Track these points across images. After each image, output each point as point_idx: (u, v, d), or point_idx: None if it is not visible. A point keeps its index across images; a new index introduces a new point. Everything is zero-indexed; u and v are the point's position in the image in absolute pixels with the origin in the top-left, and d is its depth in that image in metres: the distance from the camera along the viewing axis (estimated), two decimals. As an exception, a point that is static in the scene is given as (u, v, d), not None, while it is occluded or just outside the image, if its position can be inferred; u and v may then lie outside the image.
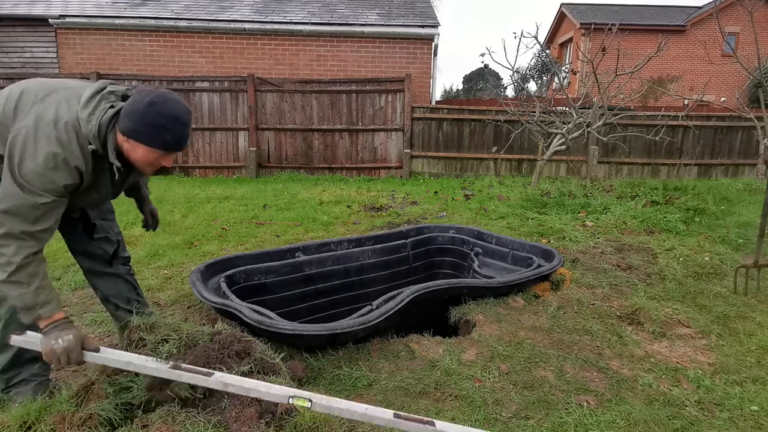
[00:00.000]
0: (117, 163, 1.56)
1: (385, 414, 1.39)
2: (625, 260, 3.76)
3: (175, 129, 1.54)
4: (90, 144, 1.54)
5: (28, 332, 1.57)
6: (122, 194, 2.00)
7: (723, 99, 17.28)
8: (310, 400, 1.39)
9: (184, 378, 1.49)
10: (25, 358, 1.82)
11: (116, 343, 2.32)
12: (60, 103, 1.55)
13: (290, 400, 1.40)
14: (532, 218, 5.15)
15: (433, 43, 10.05)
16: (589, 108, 7.76)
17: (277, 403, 1.68)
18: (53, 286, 1.60)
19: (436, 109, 9.40)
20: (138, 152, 1.55)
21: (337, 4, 11.34)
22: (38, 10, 9.98)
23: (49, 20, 9.68)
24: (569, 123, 7.56)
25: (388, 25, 10.00)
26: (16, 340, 1.56)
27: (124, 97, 1.61)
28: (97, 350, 1.54)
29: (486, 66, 33.11)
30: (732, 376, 2.11)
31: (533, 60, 21.47)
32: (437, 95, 15.82)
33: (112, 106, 1.55)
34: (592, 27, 15.17)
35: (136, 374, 1.68)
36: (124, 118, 1.52)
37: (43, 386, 1.86)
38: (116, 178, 1.62)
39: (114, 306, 2.14)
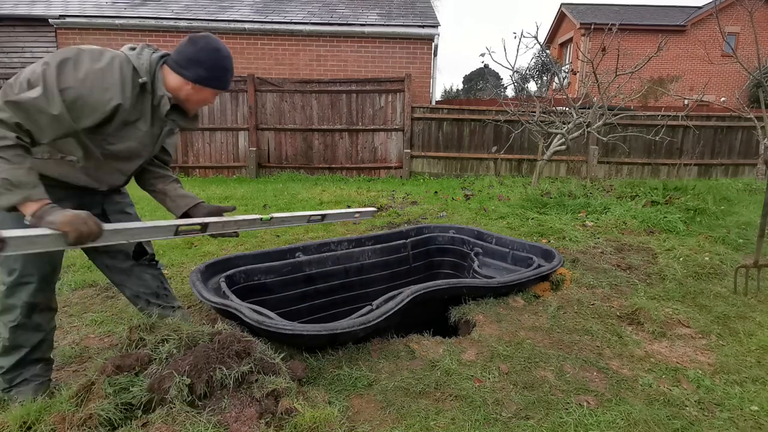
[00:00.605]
0: (168, 94, 1.66)
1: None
2: (625, 260, 3.76)
3: (231, 71, 1.76)
4: (141, 77, 1.61)
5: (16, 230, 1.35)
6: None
7: (723, 99, 17.29)
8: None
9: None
10: (29, 359, 1.83)
11: (116, 343, 2.32)
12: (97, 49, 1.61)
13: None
14: (532, 218, 5.15)
15: (433, 43, 10.06)
16: (589, 108, 7.76)
17: (278, 403, 1.68)
18: None
19: (436, 109, 9.41)
20: (202, 94, 1.72)
21: (337, 4, 11.34)
22: (38, 10, 9.98)
23: (49, 20, 9.69)
24: (569, 123, 7.56)
25: (388, 25, 10.01)
26: (13, 234, 1.31)
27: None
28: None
29: (486, 66, 33.13)
30: (732, 376, 2.11)
31: (533, 60, 21.46)
32: (437, 95, 15.83)
33: (155, 51, 1.70)
34: (592, 27, 15.17)
35: (136, 374, 1.68)
36: (194, 67, 1.66)
37: (44, 386, 1.86)
38: (163, 114, 1.68)
39: (145, 302, 2.09)
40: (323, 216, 2.18)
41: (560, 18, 22.61)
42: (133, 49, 1.66)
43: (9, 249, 1.32)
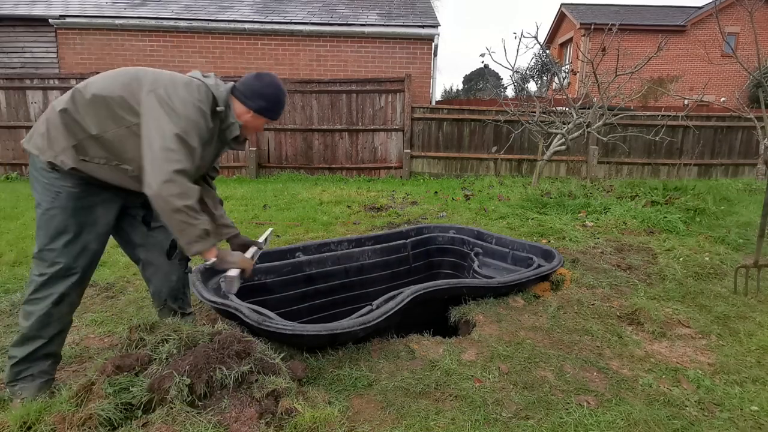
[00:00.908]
0: (239, 122, 1.92)
1: None
2: (625, 260, 3.76)
3: (284, 106, 2.04)
4: (219, 106, 1.84)
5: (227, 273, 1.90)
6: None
7: (723, 99, 17.28)
8: None
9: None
10: (41, 353, 1.85)
11: (116, 343, 2.32)
12: (177, 74, 1.84)
13: None
14: (532, 218, 5.15)
15: (433, 44, 10.05)
16: (589, 108, 7.76)
17: (278, 403, 1.68)
18: None
19: (436, 109, 9.41)
20: (258, 122, 1.98)
21: (337, 4, 11.34)
22: (38, 10, 9.98)
23: (49, 20, 9.69)
24: (569, 123, 7.56)
25: (388, 26, 10.01)
26: (231, 277, 1.90)
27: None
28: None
29: (486, 66, 33.09)
30: (732, 376, 2.11)
31: (533, 60, 21.46)
32: (437, 95, 15.83)
33: (225, 82, 1.94)
34: (592, 27, 15.16)
35: (136, 374, 1.68)
36: (258, 99, 1.92)
37: (48, 385, 1.87)
38: (229, 138, 1.93)
39: (162, 301, 2.17)
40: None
41: (560, 18, 22.60)
42: (207, 76, 1.87)
43: (233, 288, 1.95)
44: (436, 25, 10.02)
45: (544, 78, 20.32)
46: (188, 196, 1.68)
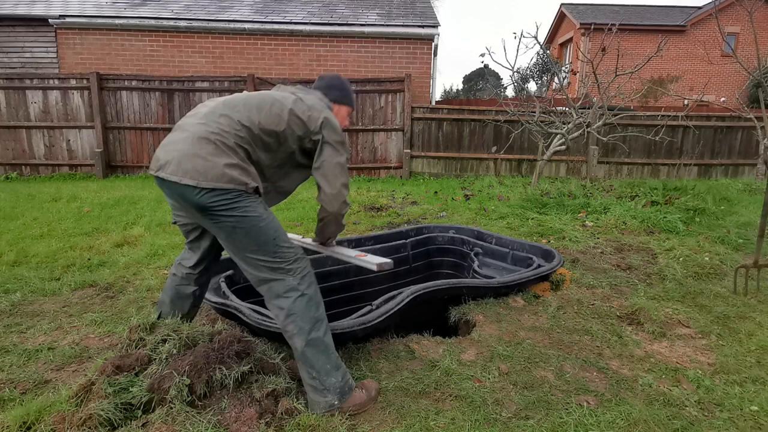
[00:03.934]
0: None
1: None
2: (625, 260, 3.76)
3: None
4: None
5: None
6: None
7: (723, 99, 17.29)
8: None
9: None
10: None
11: (116, 343, 2.32)
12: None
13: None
14: (532, 218, 5.15)
15: (433, 43, 10.05)
16: (589, 108, 7.76)
17: (278, 403, 1.68)
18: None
19: (436, 109, 9.40)
20: (342, 112, 2.13)
21: (337, 4, 11.34)
22: (38, 10, 9.98)
23: (49, 20, 9.69)
24: (569, 123, 7.56)
25: (388, 25, 10.00)
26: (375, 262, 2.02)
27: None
28: None
29: (486, 66, 33.10)
30: (732, 376, 2.11)
31: (533, 60, 21.45)
32: (437, 95, 15.83)
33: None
34: (592, 27, 15.17)
35: (136, 374, 1.68)
36: (333, 90, 2.08)
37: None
38: None
39: (194, 302, 2.08)
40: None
41: (560, 18, 22.60)
42: (300, 89, 1.99)
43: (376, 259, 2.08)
44: (436, 25, 10.01)
45: (544, 78, 20.32)
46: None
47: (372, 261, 2.02)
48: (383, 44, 10.02)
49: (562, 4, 21.92)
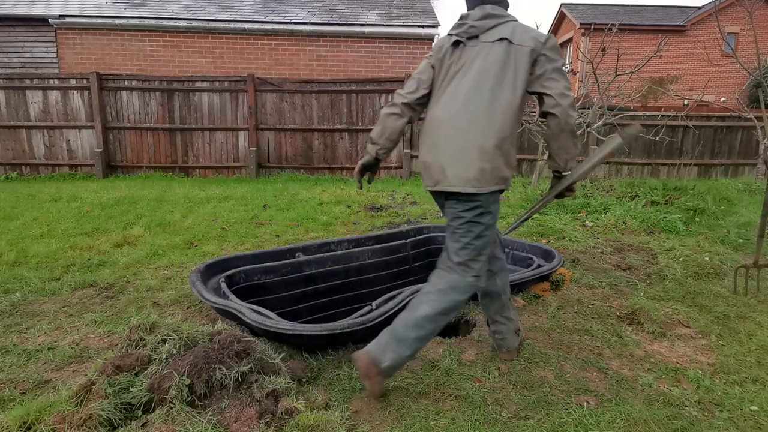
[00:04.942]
0: None
1: None
2: (625, 260, 3.76)
3: None
4: None
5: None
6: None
7: (723, 99, 17.29)
8: None
9: None
10: None
11: (116, 343, 2.32)
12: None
13: None
14: (532, 218, 5.15)
15: (433, 43, 10.05)
16: (588, 108, 7.76)
17: (278, 403, 1.68)
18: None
19: (436, 109, 9.39)
20: None
21: (337, 4, 11.34)
22: (38, 10, 9.98)
23: (49, 20, 9.69)
24: (569, 123, 7.54)
25: (388, 25, 10.01)
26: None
27: None
28: None
29: (486, 66, 33.03)
30: (732, 376, 2.11)
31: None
32: (437, 95, 15.78)
33: None
34: (592, 27, 15.16)
35: (136, 374, 1.68)
36: None
37: None
38: None
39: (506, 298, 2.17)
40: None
41: (560, 18, 22.61)
42: None
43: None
44: (436, 25, 10.02)
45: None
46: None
47: (612, 141, 2.01)
48: (383, 44, 10.02)
49: (562, 4, 21.93)
